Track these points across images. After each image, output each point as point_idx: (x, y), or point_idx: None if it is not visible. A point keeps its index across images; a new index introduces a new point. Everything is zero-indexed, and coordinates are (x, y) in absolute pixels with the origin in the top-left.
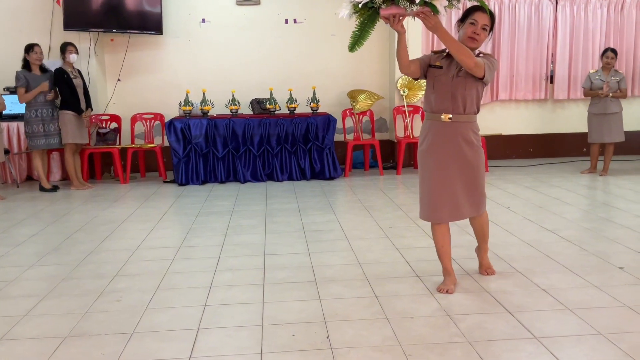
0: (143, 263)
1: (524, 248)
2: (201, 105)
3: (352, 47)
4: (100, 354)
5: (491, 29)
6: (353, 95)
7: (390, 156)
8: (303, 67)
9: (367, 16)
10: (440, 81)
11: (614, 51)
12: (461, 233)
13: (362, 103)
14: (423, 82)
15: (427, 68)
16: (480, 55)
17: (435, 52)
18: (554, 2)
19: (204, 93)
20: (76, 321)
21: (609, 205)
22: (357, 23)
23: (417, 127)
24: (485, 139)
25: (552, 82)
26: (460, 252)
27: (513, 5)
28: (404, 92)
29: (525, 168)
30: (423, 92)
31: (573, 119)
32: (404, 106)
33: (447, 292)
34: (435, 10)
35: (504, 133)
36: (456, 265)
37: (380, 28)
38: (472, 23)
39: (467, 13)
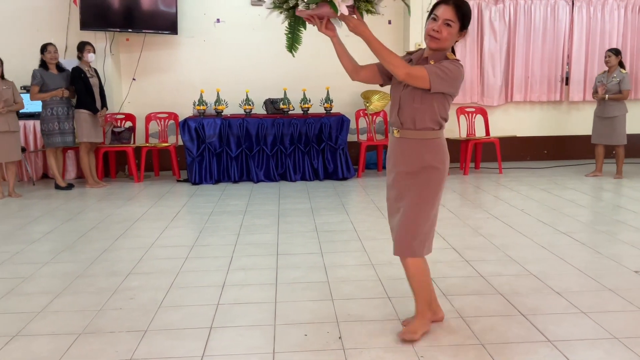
0: (156, 261)
1: (537, 250)
2: (215, 104)
3: (290, 49)
4: (114, 351)
5: (463, 25)
6: (367, 95)
7: None
8: (317, 68)
9: (291, 18)
10: (394, 90)
11: (611, 50)
12: (474, 235)
13: (376, 103)
14: None
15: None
16: (451, 60)
17: (409, 53)
18: (570, 3)
19: (218, 93)
20: (90, 318)
21: (624, 208)
22: (287, 26)
23: None
24: (499, 141)
25: (567, 83)
26: (472, 254)
27: (529, 6)
28: None
29: (540, 170)
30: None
31: (588, 121)
32: None
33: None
34: (334, 8)
35: (518, 135)
36: (468, 267)
37: (390, 28)
38: (433, 19)
39: (432, 8)
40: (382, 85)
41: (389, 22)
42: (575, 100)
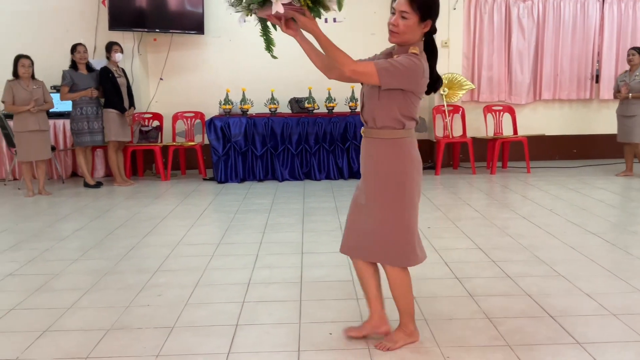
0: (183, 259)
1: (566, 251)
2: (241, 104)
3: (267, 50)
4: (141, 347)
5: (423, 15)
6: None
7: (428, 156)
8: None
9: (259, 20)
10: (362, 88)
11: (635, 49)
12: (501, 235)
13: None
14: (464, 80)
15: None
16: (408, 53)
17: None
18: (601, 0)
19: (243, 92)
20: (119, 314)
21: None
22: (260, 28)
23: (457, 126)
24: (527, 140)
25: (597, 81)
26: (499, 254)
27: (558, 3)
28: (443, 91)
29: (569, 169)
30: (464, 92)
31: None
32: (443, 105)
33: (350, 334)
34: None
35: (547, 133)
36: (495, 268)
37: None
38: (392, 13)
39: (392, 1)
40: (363, 84)
41: None
42: (606, 99)
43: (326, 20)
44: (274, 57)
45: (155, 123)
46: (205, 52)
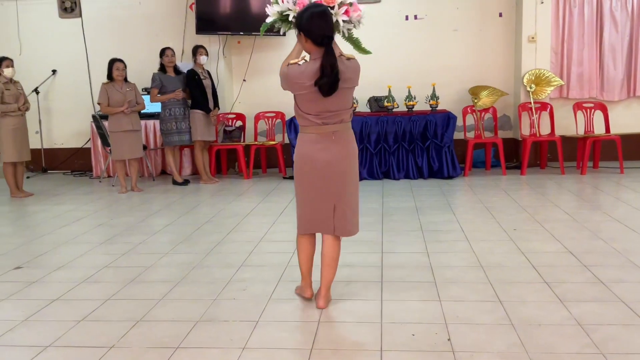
0: (266, 255)
1: None
2: None
3: (360, 50)
4: (228, 339)
5: (297, 28)
6: (475, 91)
7: (513, 155)
8: (423, 64)
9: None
10: None
11: None
12: (593, 238)
13: (485, 100)
14: (553, 77)
15: None
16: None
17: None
18: None
19: None
20: (207, 307)
21: None
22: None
23: (545, 124)
24: (621, 138)
25: None
26: (591, 258)
27: None
28: (530, 87)
29: None
30: (552, 88)
31: None
32: (530, 103)
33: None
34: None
35: None
36: (587, 273)
37: (501, 20)
38: None
39: None
40: None
41: (500, 15)
42: None
43: (407, 17)
44: (368, 53)
45: (239, 123)
46: (286, 54)
